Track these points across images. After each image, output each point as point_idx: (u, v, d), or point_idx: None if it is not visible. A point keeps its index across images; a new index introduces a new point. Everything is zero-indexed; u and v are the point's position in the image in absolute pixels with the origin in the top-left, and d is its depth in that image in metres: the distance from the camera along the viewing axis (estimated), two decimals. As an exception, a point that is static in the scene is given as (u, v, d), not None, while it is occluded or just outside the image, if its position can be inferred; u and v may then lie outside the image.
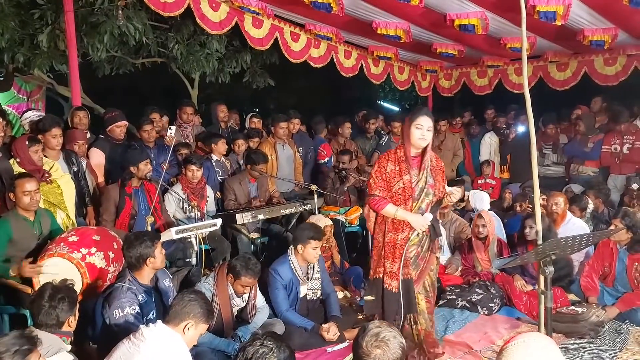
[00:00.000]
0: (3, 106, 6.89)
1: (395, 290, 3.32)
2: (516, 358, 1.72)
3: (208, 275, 3.86)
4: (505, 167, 7.69)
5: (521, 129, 7.37)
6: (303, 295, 4.12)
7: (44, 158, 4.14)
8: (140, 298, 3.11)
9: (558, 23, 5.29)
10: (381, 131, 7.41)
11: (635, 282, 4.25)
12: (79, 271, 3.31)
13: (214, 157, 5.63)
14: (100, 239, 3.53)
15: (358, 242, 6.02)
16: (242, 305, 3.78)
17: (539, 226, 3.03)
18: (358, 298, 4.57)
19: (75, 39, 4.84)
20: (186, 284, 4.11)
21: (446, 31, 6.25)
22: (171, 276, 3.71)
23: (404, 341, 2.02)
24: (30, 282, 3.31)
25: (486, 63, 8.12)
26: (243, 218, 4.89)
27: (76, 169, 4.48)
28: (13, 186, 3.57)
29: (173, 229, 4.15)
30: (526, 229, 4.72)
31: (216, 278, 3.66)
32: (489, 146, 7.78)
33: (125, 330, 2.81)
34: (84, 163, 4.68)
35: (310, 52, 6.44)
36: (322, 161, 6.58)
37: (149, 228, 4.24)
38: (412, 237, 3.31)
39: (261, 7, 5.47)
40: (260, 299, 3.88)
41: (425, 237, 3.35)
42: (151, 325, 2.53)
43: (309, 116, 7.69)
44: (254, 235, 5.38)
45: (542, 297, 2.90)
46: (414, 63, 8.40)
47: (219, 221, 4.55)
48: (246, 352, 2.03)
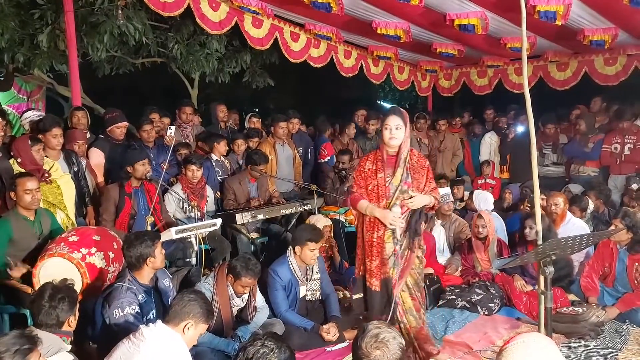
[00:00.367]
0: (3, 106, 6.90)
1: (376, 288, 3.41)
2: (516, 358, 1.71)
3: (208, 275, 3.86)
4: (505, 167, 7.69)
5: (520, 129, 7.37)
6: (302, 295, 4.12)
7: (44, 158, 4.14)
8: (140, 298, 3.11)
9: (558, 23, 5.29)
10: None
11: (635, 283, 4.25)
12: (79, 271, 3.30)
13: (214, 157, 5.63)
14: (100, 239, 3.53)
15: (358, 242, 6.01)
16: (242, 305, 3.78)
17: (539, 226, 3.03)
18: (349, 295, 4.57)
19: (75, 39, 4.84)
20: (186, 284, 4.11)
21: (446, 31, 6.25)
22: (171, 276, 3.72)
23: (404, 342, 2.02)
24: (30, 282, 3.31)
25: (486, 63, 8.12)
26: (243, 218, 4.90)
27: (76, 169, 4.48)
28: (14, 185, 3.57)
29: (173, 229, 4.14)
30: (526, 229, 4.72)
31: (216, 278, 3.66)
32: (489, 146, 7.78)
33: (125, 330, 2.81)
34: (84, 163, 4.68)
35: (310, 52, 6.44)
36: (323, 160, 6.58)
37: (149, 228, 4.24)
38: (387, 236, 3.37)
39: (261, 7, 5.47)
40: (260, 299, 3.88)
41: (402, 235, 3.39)
42: (151, 325, 2.53)
43: (309, 116, 7.69)
44: (254, 235, 5.39)
45: (542, 298, 2.90)
46: (414, 63, 8.41)
47: (219, 221, 4.55)
48: (247, 352, 2.03)
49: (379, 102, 15.46)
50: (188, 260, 4.52)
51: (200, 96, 9.16)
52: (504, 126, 7.74)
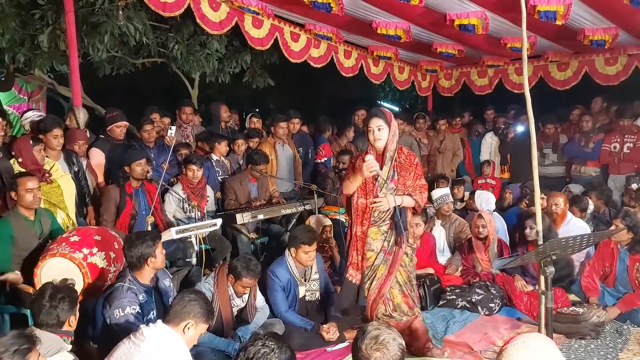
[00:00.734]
0: (4, 106, 6.90)
1: (356, 281, 3.53)
2: (516, 358, 1.71)
3: (208, 275, 3.86)
4: (505, 167, 7.69)
5: (521, 129, 7.36)
6: (302, 296, 4.12)
7: (45, 158, 4.14)
8: (140, 298, 3.11)
9: (558, 23, 5.29)
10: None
11: (636, 283, 4.25)
12: (81, 271, 3.31)
13: (214, 157, 5.63)
14: (101, 239, 3.54)
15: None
16: (242, 305, 3.78)
17: (540, 226, 3.02)
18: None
19: (75, 39, 4.83)
20: (186, 284, 4.11)
21: (446, 31, 6.25)
22: (171, 276, 3.72)
23: (404, 343, 2.02)
24: (31, 282, 3.31)
25: (486, 63, 8.12)
26: (243, 218, 4.90)
27: (77, 169, 4.49)
28: (15, 185, 3.58)
29: (173, 229, 4.15)
30: (526, 229, 4.71)
31: (216, 278, 3.66)
32: (490, 146, 7.78)
33: (125, 329, 2.81)
34: (85, 163, 4.69)
35: (310, 52, 6.44)
36: (320, 161, 6.58)
37: (149, 228, 4.24)
38: (374, 232, 3.46)
39: (261, 7, 5.48)
40: (260, 299, 3.88)
41: (390, 232, 3.47)
42: (151, 325, 2.53)
43: (309, 116, 7.69)
44: (254, 235, 5.39)
45: (543, 298, 2.89)
46: (414, 63, 8.40)
47: (219, 221, 4.55)
48: (247, 352, 2.02)
49: (379, 102, 15.45)
50: (188, 260, 4.53)
51: (200, 96, 9.16)
52: (504, 126, 7.73)
